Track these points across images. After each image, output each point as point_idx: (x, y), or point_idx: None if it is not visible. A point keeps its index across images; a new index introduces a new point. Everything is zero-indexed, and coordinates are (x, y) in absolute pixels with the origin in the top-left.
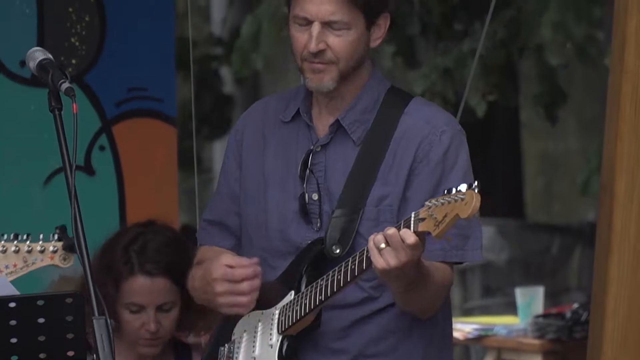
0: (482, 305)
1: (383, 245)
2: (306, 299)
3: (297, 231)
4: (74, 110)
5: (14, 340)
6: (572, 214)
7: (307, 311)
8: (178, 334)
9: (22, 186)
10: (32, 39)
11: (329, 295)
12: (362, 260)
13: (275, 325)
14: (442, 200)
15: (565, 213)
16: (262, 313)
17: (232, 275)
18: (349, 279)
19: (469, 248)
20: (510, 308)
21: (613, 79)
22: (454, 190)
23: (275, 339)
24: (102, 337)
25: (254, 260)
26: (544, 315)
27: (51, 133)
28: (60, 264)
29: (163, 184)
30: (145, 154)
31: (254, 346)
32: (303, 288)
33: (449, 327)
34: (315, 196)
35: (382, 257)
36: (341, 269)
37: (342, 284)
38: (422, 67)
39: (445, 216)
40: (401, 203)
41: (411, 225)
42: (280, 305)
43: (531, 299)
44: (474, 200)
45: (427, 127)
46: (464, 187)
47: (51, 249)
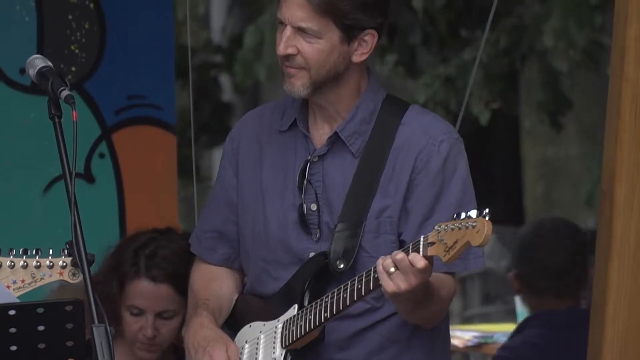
0: (482, 312)
1: (392, 270)
2: (310, 314)
3: (298, 242)
4: (74, 118)
5: (13, 348)
6: (572, 220)
7: (312, 327)
8: (179, 341)
9: (22, 193)
10: (32, 46)
11: (334, 313)
12: (369, 280)
13: (278, 339)
14: (452, 226)
15: None
16: (264, 325)
17: None
18: (355, 299)
19: (471, 257)
20: (510, 316)
21: (613, 86)
22: (463, 215)
23: (278, 352)
24: (102, 345)
25: None
26: None
27: (51, 141)
28: (70, 280)
29: (163, 192)
30: (144, 162)
31: (256, 359)
32: (306, 303)
33: (448, 335)
34: (313, 207)
35: (392, 281)
36: (347, 288)
37: (348, 303)
38: (424, 76)
39: (456, 242)
40: (401, 214)
41: (420, 249)
42: (283, 318)
43: None
44: (486, 229)
45: (425, 137)
46: (474, 214)
47: (60, 264)
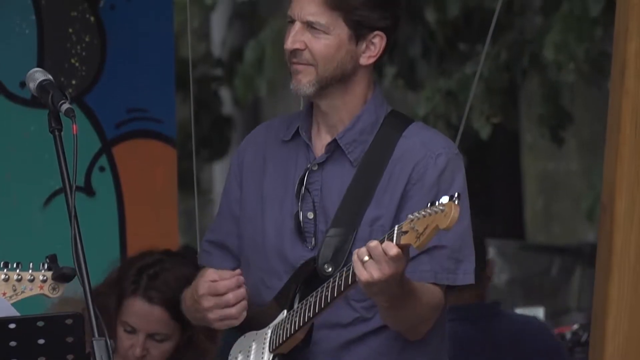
0: None
1: (366, 258)
2: (296, 316)
3: (293, 250)
4: (74, 131)
5: None
6: (572, 234)
7: (297, 328)
8: None
9: (22, 207)
10: (32, 59)
11: (317, 311)
12: (349, 275)
13: (267, 344)
14: (424, 213)
15: (565, 234)
16: (256, 333)
17: (216, 288)
18: (335, 295)
19: (460, 272)
20: None
21: (613, 100)
22: (436, 203)
23: (266, 357)
24: (102, 358)
25: (236, 271)
26: None
27: (51, 154)
28: (50, 294)
29: (163, 205)
30: (145, 175)
31: None
32: (295, 306)
33: (444, 351)
34: (310, 215)
35: (366, 270)
36: (329, 285)
37: (330, 300)
38: (424, 89)
39: (425, 228)
40: (394, 224)
41: (394, 237)
42: (272, 324)
43: None
44: (453, 211)
45: (423, 150)
46: (445, 199)
47: (41, 278)
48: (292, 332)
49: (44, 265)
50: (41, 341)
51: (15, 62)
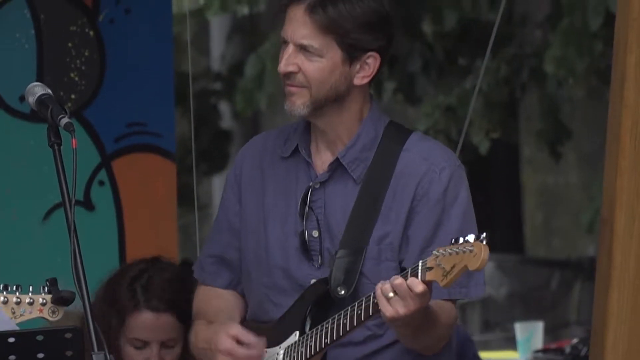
0: (482, 340)
1: (391, 295)
2: (311, 341)
3: (299, 268)
4: (73, 146)
5: None
6: (572, 248)
7: (313, 354)
8: None
9: (22, 221)
10: (32, 73)
11: (334, 339)
12: (369, 306)
13: None
14: (450, 251)
15: (564, 248)
16: (267, 351)
17: (237, 354)
18: (355, 324)
19: (472, 284)
20: (510, 343)
21: (613, 113)
22: (461, 239)
23: None
24: None
25: (261, 340)
26: (544, 350)
27: (50, 168)
28: (49, 317)
29: (162, 219)
30: (144, 189)
31: None
32: (307, 329)
33: None
34: (315, 233)
35: (391, 306)
36: (347, 313)
37: (348, 329)
38: (423, 104)
39: (453, 267)
40: (402, 241)
41: (419, 274)
42: (284, 345)
43: (531, 334)
44: (483, 253)
45: (426, 164)
46: (471, 238)
47: (40, 301)
48: (308, 357)
49: (43, 288)
50: (40, 355)
51: (14, 76)
